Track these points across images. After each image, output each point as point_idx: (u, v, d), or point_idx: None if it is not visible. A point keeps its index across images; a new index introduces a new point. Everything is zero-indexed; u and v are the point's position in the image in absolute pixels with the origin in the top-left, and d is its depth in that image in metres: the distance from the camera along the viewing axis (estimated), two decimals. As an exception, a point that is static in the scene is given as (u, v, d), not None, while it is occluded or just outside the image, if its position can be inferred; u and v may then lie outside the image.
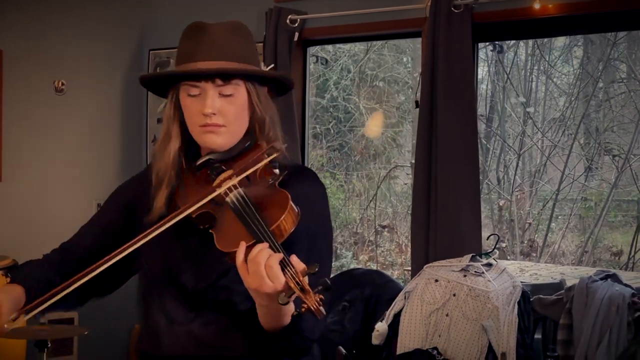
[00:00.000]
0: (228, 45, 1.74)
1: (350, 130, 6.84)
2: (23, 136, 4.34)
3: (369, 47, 6.51)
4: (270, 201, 1.61)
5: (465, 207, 3.62)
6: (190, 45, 1.74)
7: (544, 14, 3.48)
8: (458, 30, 3.61)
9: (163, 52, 4.73)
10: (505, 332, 3.25)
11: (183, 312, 1.74)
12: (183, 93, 1.74)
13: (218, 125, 1.72)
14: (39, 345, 3.10)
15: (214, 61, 1.71)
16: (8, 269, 1.68)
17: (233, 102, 1.73)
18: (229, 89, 1.72)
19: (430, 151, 3.69)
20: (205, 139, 1.74)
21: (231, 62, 1.73)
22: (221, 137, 1.74)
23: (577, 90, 6.17)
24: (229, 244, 1.55)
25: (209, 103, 1.70)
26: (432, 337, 3.40)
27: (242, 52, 1.76)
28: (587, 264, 6.04)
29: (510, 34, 4.01)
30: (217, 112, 1.71)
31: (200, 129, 1.73)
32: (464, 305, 3.37)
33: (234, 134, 1.76)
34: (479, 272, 3.45)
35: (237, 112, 1.74)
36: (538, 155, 6.48)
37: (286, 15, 4.11)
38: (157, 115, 4.77)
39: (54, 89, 4.47)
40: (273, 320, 1.58)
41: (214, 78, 1.70)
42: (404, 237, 6.85)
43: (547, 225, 6.58)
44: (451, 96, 3.62)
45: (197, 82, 1.71)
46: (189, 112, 1.74)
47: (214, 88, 1.71)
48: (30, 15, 4.34)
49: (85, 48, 4.58)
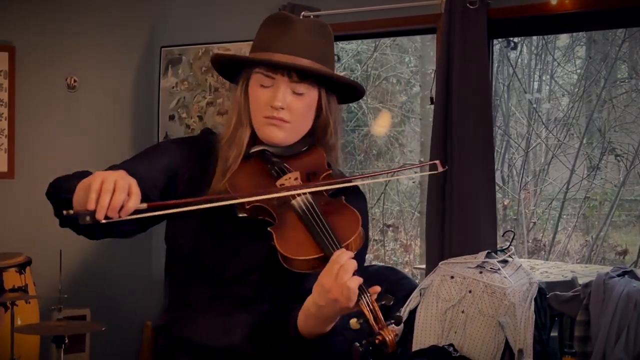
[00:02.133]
0: (312, 43, 1.69)
1: (353, 130, 6.80)
2: (35, 133, 4.32)
3: (376, 45, 6.47)
4: (339, 217, 1.57)
5: (480, 204, 3.57)
6: (274, 34, 1.69)
7: (561, 9, 3.43)
8: (473, 27, 3.56)
9: (175, 48, 4.69)
10: (522, 329, 3.21)
11: (201, 296, 1.69)
12: (255, 82, 1.70)
13: (283, 120, 1.69)
14: (56, 341, 3.04)
15: (296, 56, 1.67)
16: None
17: (302, 101, 1.69)
18: (302, 87, 1.69)
19: (445, 148, 3.64)
20: (267, 131, 1.70)
21: (313, 62, 1.69)
22: (283, 132, 1.70)
23: (582, 90, 6.14)
24: (293, 250, 1.52)
25: (280, 97, 1.66)
26: (448, 333, 3.35)
27: (323, 53, 1.72)
28: (592, 263, 6.01)
29: (526, 30, 3.96)
30: (286, 107, 1.68)
31: (264, 119, 1.69)
32: (480, 302, 3.32)
33: (297, 132, 1.73)
34: (495, 268, 3.40)
35: (304, 111, 1.70)
36: (542, 154, 6.44)
37: (299, 12, 4.05)
38: (169, 112, 4.72)
39: (66, 85, 4.44)
40: (321, 328, 1.54)
41: (290, 73, 1.67)
42: (409, 236, 6.80)
43: (551, 225, 6.54)
44: (466, 92, 3.57)
45: (274, 73, 1.67)
46: (257, 101, 1.70)
47: (288, 83, 1.68)
48: (42, 12, 4.32)
49: (97, 45, 4.55)
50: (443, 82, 3.64)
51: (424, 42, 5.97)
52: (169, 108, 4.72)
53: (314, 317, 1.53)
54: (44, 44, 4.32)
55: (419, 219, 6.82)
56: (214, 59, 1.79)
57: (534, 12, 3.54)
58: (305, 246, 1.51)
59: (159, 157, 1.76)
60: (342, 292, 1.43)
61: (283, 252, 1.52)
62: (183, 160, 1.76)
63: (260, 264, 1.65)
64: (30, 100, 4.27)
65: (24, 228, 4.23)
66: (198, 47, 4.57)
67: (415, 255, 6.79)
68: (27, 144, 4.27)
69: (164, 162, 1.74)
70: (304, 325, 1.56)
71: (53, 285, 4.26)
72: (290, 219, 1.57)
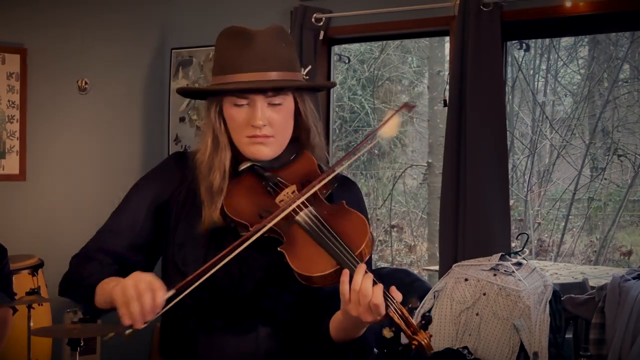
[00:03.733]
0: (276, 53, 1.64)
1: (355, 130, 6.78)
2: (47, 135, 4.29)
3: (383, 46, 6.43)
4: (347, 224, 1.55)
5: (494, 206, 3.53)
6: (236, 54, 1.63)
7: (575, 12, 3.39)
8: (487, 29, 3.52)
9: (185, 50, 4.66)
10: (537, 332, 3.18)
11: (221, 318, 1.66)
12: (228, 103, 1.66)
13: (267, 136, 1.64)
14: (71, 344, 3.01)
15: (264, 72, 1.62)
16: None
17: (280, 111, 1.65)
18: (278, 98, 1.64)
19: (459, 150, 3.61)
20: (253, 149, 1.66)
21: (281, 72, 1.64)
22: (269, 148, 1.66)
23: (586, 90, 6.11)
24: (309, 267, 1.49)
25: (259, 115, 1.62)
26: (462, 336, 3.33)
27: (289, 60, 1.67)
28: (596, 264, 5.99)
29: (539, 32, 3.92)
30: (267, 122, 1.63)
31: (248, 139, 1.65)
32: (494, 305, 3.29)
33: (282, 144, 1.69)
34: (509, 271, 3.37)
35: (284, 122, 1.66)
36: (547, 155, 6.42)
37: (311, 13, 4.02)
38: (179, 114, 4.69)
39: (78, 87, 4.41)
40: (351, 331, 1.53)
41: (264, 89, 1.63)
42: (414, 237, 6.78)
43: (556, 226, 6.52)
44: (480, 95, 3.54)
45: (247, 93, 1.63)
46: (236, 123, 1.65)
47: (264, 99, 1.63)
48: (54, 14, 4.30)
49: (108, 47, 4.53)
50: (456, 84, 3.60)
51: (431, 44, 5.94)
52: (179, 110, 4.69)
53: (346, 330, 1.53)
54: (55, 46, 4.29)
55: (426, 220, 6.79)
56: (180, 92, 1.75)
57: (547, 14, 3.50)
58: (319, 261, 1.49)
59: (140, 199, 1.75)
60: (371, 311, 1.43)
61: (300, 271, 1.50)
62: (164, 190, 1.74)
63: (274, 277, 1.64)
64: (41, 103, 4.24)
65: (35, 230, 4.20)
66: (208, 48, 4.53)
67: (419, 256, 6.77)
68: (39, 146, 4.24)
69: (146, 203, 1.74)
70: (339, 332, 1.55)
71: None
72: (298, 235, 1.55)
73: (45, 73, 4.24)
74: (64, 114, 4.35)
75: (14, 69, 4.10)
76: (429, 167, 5.91)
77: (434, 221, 6.33)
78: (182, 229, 1.69)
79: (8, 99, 4.10)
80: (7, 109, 4.10)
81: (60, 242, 4.24)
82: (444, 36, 3.94)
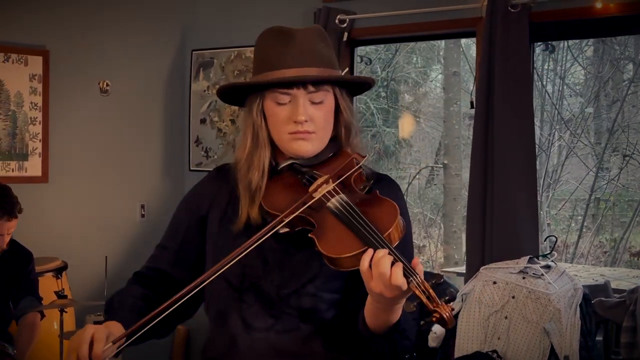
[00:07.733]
0: (317, 51, 1.65)
1: (361, 131, 6.70)
2: (69, 137, 4.21)
3: (397, 48, 6.34)
4: (377, 209, 1.54)
5: (522, 209, 3.44)
6: (277, 51, 1.64)
7: (605, 13, 3.28)
8: (515, 30, 3.42)
9: (206, 52, 4.56)
10: (568, 335, 3.10)
11: (262, 318, 1.64)
12: (270, 101, 1.65)
13: (309, 132, 1.64)
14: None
15: (306, 67, 1.63)
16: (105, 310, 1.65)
17: (322, 109, 1.66)
18: (319, 95, 1.64)
19: (486, 151, 3.51)
20: (295, 146, 1.65)
21: (323, 68, 1.65)
22: (311, 144, 1.66)
23: (595, 90, 6.04)
24: (337, 249, 1.48)
25: (302, 110, 1.62)
26: (491, 339, 3.24)
27: (328, 57, 1.68)
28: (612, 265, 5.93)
29: (567, 33, 3.81)
30: (309, 119, 1.64)
31: (289, 136, 1.65)
32: (523, 308, 3.20)
33: (323, 141, 1.68)
34: (538, 274, 3.27)
35: (326, 119, 1.67)
36: (555, 155, 6.36)
37: (335, 15, 3.92)
38: (200, 115, 4.59)
39: (99, 89, 4.32)
40: (385, 317, 1.49)
41: (306, 85, 1.63)
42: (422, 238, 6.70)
43: (565, 226, 6.46)
44: (508, 96, 3.45)
45: (289, 89, 1.63)
46: (277, 120, 1.65)
47: (306, 95, 1.63)
48: (76, 16, 4.24)
49: (128, 49, 4.47)
50: (484, 86, 3.50)
51: (447, 45, 5.83)
52: (200, 112, 4.59)
53: (382, 312, 1.49)
54: (77, 48, 4.22)
55: (435, 221, 6.72)
56: (221, 90, 1.74)
57: (576, 15, 3.40)
58: (347, 243, 1.48)
59: (182, 214, 1.81)
60: (392, 290, 1.40)
61: (327, 253, 1.48)
62: (202, 203, 1.78)
63: (312, 274, 1.63)
64: (63, 104, 4.17)
65: (58, 232, 4.13)
66: (230, 50, 4.44)
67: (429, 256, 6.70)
68: (61, 148, 4.16)
69: (187, 218, 1.78)
70: (374, 320, 1.52)
71: (87, 289, 4.13)
72: (329, 221, 1.54)
73: (67, 75, 4.17)
74: (86, 115, 4.28)
75: (36, 71, 4.02)
76: (445, 168, 5.82)
77: (450, 222, 6.24)
78: (223, 232, 1.70)
79: (30, 100, 4.00)
80: (30, 110, 4.01)
81: (83, 244, 4.15)
82: (470, 37, 3.82)
